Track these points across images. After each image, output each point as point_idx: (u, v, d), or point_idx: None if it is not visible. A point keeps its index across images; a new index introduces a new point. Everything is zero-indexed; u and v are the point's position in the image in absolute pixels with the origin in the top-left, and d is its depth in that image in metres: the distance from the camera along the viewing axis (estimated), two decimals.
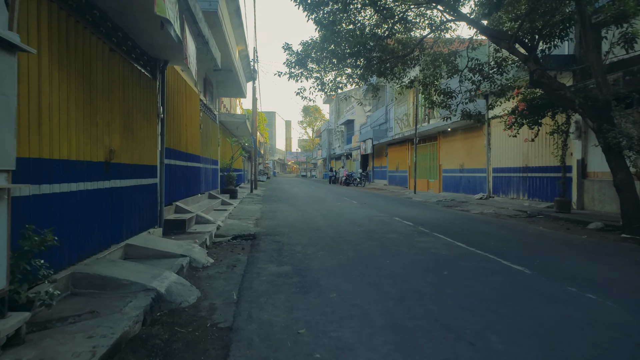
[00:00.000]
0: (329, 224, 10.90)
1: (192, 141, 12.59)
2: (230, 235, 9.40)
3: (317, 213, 13.50)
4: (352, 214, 13.26)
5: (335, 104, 62.33)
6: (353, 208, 15.22)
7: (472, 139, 20.61)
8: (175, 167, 10.38)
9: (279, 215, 13.17)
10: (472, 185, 20.57)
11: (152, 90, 8.35)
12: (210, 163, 16.45)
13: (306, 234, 9.35)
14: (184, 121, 11.51)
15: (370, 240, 8.35)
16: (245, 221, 11.67)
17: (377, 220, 11.60)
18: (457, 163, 22.12)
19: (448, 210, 15.10)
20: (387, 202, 18.32)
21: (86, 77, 5.28)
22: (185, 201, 11.43)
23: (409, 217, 12.21)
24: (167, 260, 6.36)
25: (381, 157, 37.38)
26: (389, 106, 33.93)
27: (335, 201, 18.69)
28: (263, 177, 52.55)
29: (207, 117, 15.90)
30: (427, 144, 25.97)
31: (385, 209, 14.83)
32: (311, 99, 12.86)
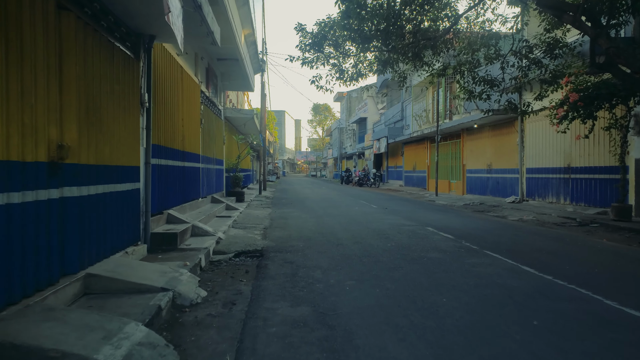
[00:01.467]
0: (352, 236, 9.14)
1: (190, 138, 10.90)
2: (232, 251, 7.69)
3: (335, 221, 11.74)
4: (375, 221, 11.48)
5: (347, 101, 60.53)
6: (374, 214, 13.44)
7: (501, 136, 18.73)
8: (167, 169, 8.69)
9: (291, 223, 11.43)
10: (501, 187, 18.69)
11: (132, 71, 6.65)
12: (213, 163, 14.76)
13: (325, 250, 7.59)
14: (180, 114, 9.81)
15: (409, 262, 6.57)
16: (251, 231, 9.95)
17: (408, 230, 9.82)
18: (483, 163, 20.25)
19: (482, 217, 13.26)
20: (410, 206, 16.51)
21: (10, 40, 3.58)
22: (181, 208, 9.73)
23: (443, 227, 10.41)
24: (141, 297, 4.67)
25: (396, 157, 35.54)
26: (406, 102, 32.08)
27: (352, 205, 16.91)
28: (272, 177, 50.94)
29: (209, 112, 14.22)
30: (449, 142, 24.11)
31: (411, 216, 13.03)
32: (328, 89, 11.05)
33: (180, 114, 9.85)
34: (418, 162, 29.66)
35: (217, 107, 16.03)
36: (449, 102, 23.70)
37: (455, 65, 10.93)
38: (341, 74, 10.86)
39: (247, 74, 16.13)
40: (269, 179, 45.05)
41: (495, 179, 19.17)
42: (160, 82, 8.29)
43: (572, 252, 7.60)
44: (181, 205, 9.84)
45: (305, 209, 15.48)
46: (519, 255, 7.04)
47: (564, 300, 4.71)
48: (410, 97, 31.20)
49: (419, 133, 25.96)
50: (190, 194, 10.91)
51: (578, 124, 11.36)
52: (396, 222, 11.24)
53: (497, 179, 19.06)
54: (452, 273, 5.89)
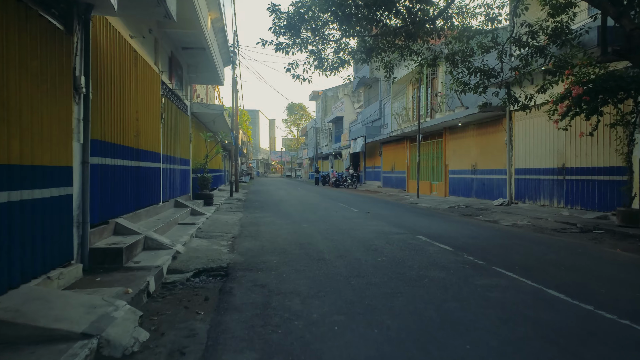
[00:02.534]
0: (334, 247, 7.87)
1: (147, 134, 9.48)
2: (191, 269, 6.35)
3: (314, 227, 10.45)
4: (358, 228, 10.24)
5: (322, 101, 59.34)
6: (357, 219, 12.20)
7: (487, 135, 17.77)
8: (115, 169, 7.27)
9: (264, 230, 10.10)
10: (487, 189, 17.73)
11: (62, 47, 5.25)
12: (177, 163, 13.31)
13: (304, 267, 6.31)
14: (133, 106, 8.39)
15: (408, 285, 5.33)
16: (217, 242, 8.59)
17: (398, 240, 8.60)
18: (467, 163, 19.28)
19: (472, 222, 12.19)
20: (393, 210, 15.35)
21: None
22: (134, 215, 8.30)
23: (436, 235, 9.24)
24: (49, 350, 3.35)
25: (374, 157, 34.48)
26: (384, 101, 31.04)
27: (331, 208, 15.66)
28: (246, 178, 49.38)
29: (173, 106, 12.77)
30: (430, 142, 23.11)
31: (397, 221, 11.85)
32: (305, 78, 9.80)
33: (134, 106, 8.42)
34: (397, 162, 28.63)
35: (183, 102, 14.56)
36: (430, 99, 22.70)
37: (448, 54, 9.77)
38: (320, 62, 9.59)
39: (215, 65, 14.72)
40: (242, 180, 43.49)
41: (481, 180, 18.20)
42: (107, 66, 6.87)
43: (592, 267, 6.50)
44: (134, 212, 8.42)
45: (280, 213, 14.15)
46: (535, 274, 5.89)
47: (630, 346, 3.54)
48: (389, 95, 30.17)
49: (398, 132, 24.91)
50: (147, 198, 9.48)
51: (578, 121, 10.37)
52: (382, 229, 10.03)
53: (482, 180, 18.10)
54: (465, 302, 4.67)
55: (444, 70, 21.24)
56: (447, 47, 9.97)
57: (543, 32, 8.86)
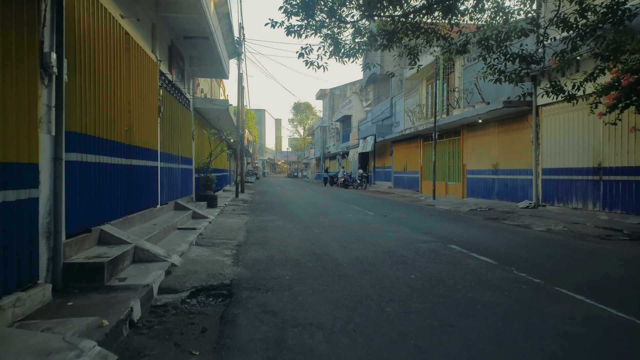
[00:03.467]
0: (355, 258, 6.76)
1: (142, 129, 8.41)
2: (187, 288, 5.27)
3: (328, 234, 9.35)
4: (379, 235, 9.12)
5: (330, 99, 58.23)
6: (374, 224, 11.08)
7: (511, 132, 16.58)
8: (101, 168, 6.19)
9: (272, 237, 9.00)
10: (510, 190, 16.54)
11: (21, 13, 4.18)
12: (178, 162, 12.25)
13: (324, 286, 5.20)
14: (124, 96, 7.32)
15: (459, 314, 4.20)
16: (219, 251, 7.50)
17: (427, 250, 7.47)
18: (488, 162, 18.09)
19: (501, 227, 11.04)
20: (411, 213, 14.22)
21: None
22: (124, 221, 7.23)
23: (470, 244, 8.10)
24: None
25: (384, 156, 33.32)
26: (395, 98, 29.87)
27: (344, 211, 14.54)
28: (252, 178, 48.40)
29: (173, 100, 11.71)
30: (446, 140, 21.92)
31: (420, 226, 10.72)
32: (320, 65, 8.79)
33: (125, 96, 7.36)
34: (409, 162, 27.46)
35: (185, 96, 13.51)
36: (446, 95, 21.51)
37: (481, 39, 8.61)
38: (336, 47, 8.46)
39: (219, 56, 13.64)
40: (247, 180, 42.49)
41: (503, 180, 17.02)
42: (90, 46, 5.80)
43: None
44: (126, 217, 7.34)
45: (289, 216, 13.05)
46: (614, 298, 4.74)
47: None
48: (400, 92, 29.01)
49: (412, 130, 23.74)
50: (142, 200, 8.40)
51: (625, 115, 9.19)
52: (406, 237, 8.89)
53: (505, 180, 16.91)
54: (541, 341, 3.55)
55: (461, 64, 20.11)
56: (479, 31, 8.82)
57: (592, 12, 7.71)
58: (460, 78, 20.22)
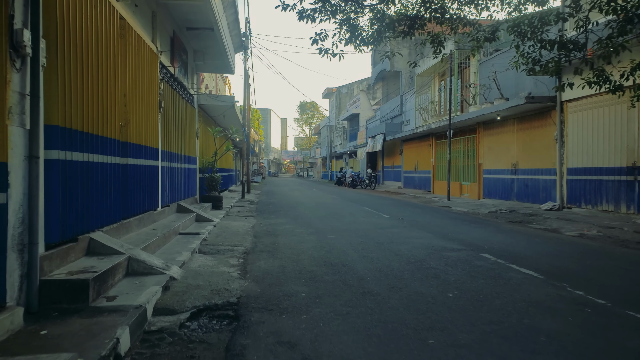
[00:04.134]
0: (379, 270, 5.95)
1: (140, 125, 7.65)
2: (187, 308, 4.50)
3: (344, 239, 8.54)
4: (400, 242, 8.30)
5: (336, 98, 57.41)
6: (392, 228, 10.26)
7: (532, 129, 15.71)
8: (91, 167, 5.42)
9: (283, 243, 8.21)
10: (531, 191, 15.67)
11: None
12: (181, 161, 11.50)
13: (348, 308, 4.39)
14: (120, 88, 6.56)
15: (523, 350, 3.36)
16: (224, 260, 6.71)
17: (459, 260, 6.65)
18: (506, 161, 17.22)
19: (529, 231, 10.21)
20: (428, 216, 13.40)
21: None
22: (119, 227, 6.46)
23: (504, 253, 7.27)
24: None
25: (393, 156, 32.46)
26: (406, 95, 29.00)
27: (356, 213, 13.73)
28: (258, 178, 47.69)
29: (176, 95, 10.95)
30: (460, 139, 21.04)
31: (441, 231, 9.90)
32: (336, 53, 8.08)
33: (120, 88, 6.59)
34: (420, 161, 26.60)
35: (188, 92, 12.75)
36: (461, 91, 20.63)
37: (514, 24, 7.77)
38: (353, 32, 7.65)
39: (225, 49, 12.86)
40: (253, 180, 41.78)
41: (523, 181, 16.14)
42: (77, 28, 5.02)
43: None
44: (121, 222, 6.57)
45: (299, 218, 12.25)
46: None
47: None
48: (410, 89, 28.16)
49: (424, 128, 22.87)
50: (140, 203, 7.64)
51: None
52: (431, 243, 8.07)
53: (525, 181, 16.04)
54: None
55: (477, 59, 19.24)
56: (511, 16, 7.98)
57: None
58: (476, 73, 19.36)
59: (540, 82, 14.67)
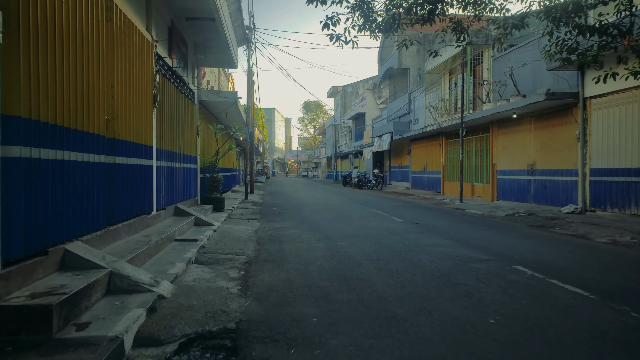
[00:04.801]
0: (401, 287, 5.14)
1: (131, 120, 6.89)
2: (175, 336, 3.75)
3: (356, 247, 7.74)
4: (419, 250, 7.49)
5: (341, 97, 56.58)
6: (407, 234, 9.46)
7: (550, 128, 14.86)
8: (67, 166, 4.65)
9: (289, 250, 7.42)
10: (550, 193, 14.83)
11: None
12: (179, 160, 10.74)
13: (371, 341, 3.60)
14: (106, 77, 5.80)
15: None
16: (223, 272, 5.94)
17: (490, 274, 5.85)
18: (522, 162, 16.38)
19: (555, 237, 9.39)
20: (443, 219, 12.59)
21: None
22: (104, 235, 5.69)
23: (538, 264, 6.46)
24: None
25: (401, 155, 31.63)
26: (414, 93, 28.17)
27: (366, 216, 12.93)
28: (262, 178, 46.98)
29: (173, 90, 10.19)
30: (472, 138, 20.20)
31: (462, 237, 9.09)
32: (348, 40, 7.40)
33: (106, 77, 5.82)
34: (430, 161, 25.76)
35: (188, 87, 11.99)
36: (473, 88, 19.76)
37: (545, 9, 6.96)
38: (368, 18, 6.85)
39: (227, 41, 12.09)
40: (257, 180, 41.05)
41: (541, 182, 15.29)
42: (48, 1, 4.26)
43: None
44: (106, 229, 5.80)
45: (306, 222, 11.46)
46: None
47: None
48: (419, 87, 27.32)
49: (435, 127, 22.02)
50: (130, 206, 6.87)
51: None
52: (454, 253, 7.25)
53: (543, 182, 15.19)
54: None
55: (490, 54, 18.41)
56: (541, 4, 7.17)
57: None
58: (489, 70, 18.52)
59: (561, 79, 13.84)
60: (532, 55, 15.16)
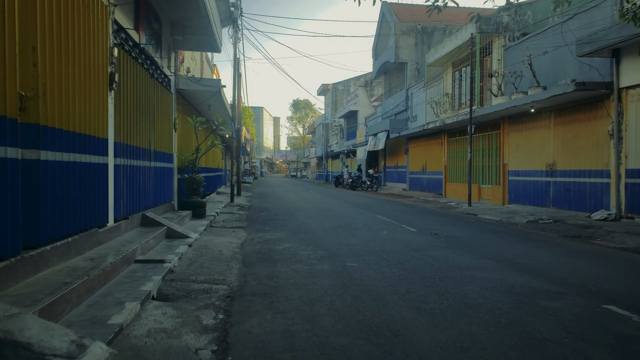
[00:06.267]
0: (458, 346, 3.36)
1: (72, 101, 5.05)
2: None
3: (372, 271, 5.95)
4: (458, 278, 5.71)
5: (332, 95, 54.83)
6: (430, 250, 7.70)
7: (575, 123, 13.23)
8: None
9: (284, 277, 5.60)
10: (574, 197, 13.18)
11: None
12: (150, 158, 8.89)
13: None
14: (22, 34, 3.96)
15: None
16: (193, 316, 4.10)
17: (577, 319, 4.10)
18: (539, 162, 14.74)
19: (606, 252, 7.74)
20: (463, 228, 10.87)
21: None
22: (13, 266, 3.82)
23: (629, 299, 4.73)
24: None
25: (397, 155, 29.94)
26: (412, 89, 26.48)
27: (372, 224, 11.16)
28: (249, 178, 45.06)
29: (142, 72, 8.35)
30: (480, 135, 18.53)
31: (504, 255, 7.35)
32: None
33: (22, 33, 4.00)
34: (430, 161, 24.10)
35: (162, 72, 10.14)
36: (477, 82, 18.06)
37: None
38: None
39: (208, 19, 10.24)
40: (245, 181, 39.15)
41: (563, 184, 13.65)
42: None
43: None
44: (19, 257, 3.95)
45: (302, 232, 9.66)
46: None
47: None
48: (417, 82, 25.64)
49: (437, 123, 20.32)
50: (68, 219, 5.01)
51: None
52: (504, 280, 5.48)
53: (565, 184, 13.55)
54: None
55: (500, 43, 16.78)
56: None
57: None
58: (499, 61, 16.86)
59: (590, 68, 12.21)
60: (552, 42, 13.52)
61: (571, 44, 12.41)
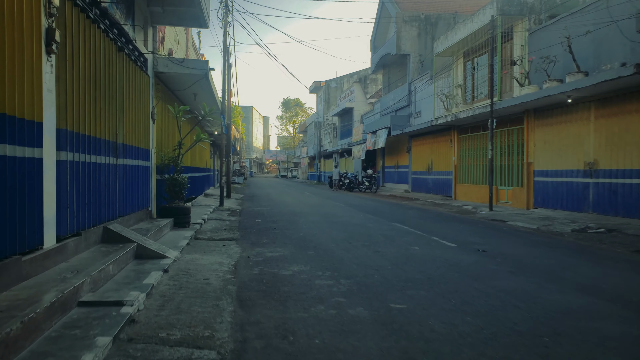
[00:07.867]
0: None
1: None
2: None
3: (436, 321, 3.99)
4: (573, 335, 3.80)
5: (325, 92, 52.81)
6: (496, 279, 5.77)
7: (623, 116, 11.39)
8: None
9: (303, 332, 3.62)
10: (623, 200, 11.34)
11: None
12: (118, 154, 6.86)
13: None
14: None
15: None
16: None
17: None
18: (575, 160, 12.90)
19: None
20: (506, 242, 8.98)
21: None
22: None
23: None
24: None
25: (397, 154, 28.04)
26: (415, 82, 24.58)
27: (395, 236, 9.21)
28: (239, 179, 42.99)
29: (105, 41, 6.32)
30: (497, 131, 16.63)
31: (600, 286, 5.45)
32: None
33: None
34: (436, 160, 22.23)
35: (136, 49, 8.11)
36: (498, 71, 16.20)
37: None
38: None
39: None
40: (234, 181, 37.08)
41: (607, 186, 11.81)
42: None
43: None
44: None
45: (310, 246, 7.68)
46: None
47: None
48: (420, 75, 23.75)
49: (448, 118, 18.41)
50: None
51: None
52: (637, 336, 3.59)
53: (610, 186, 11.70)
54: None
55: (524, 27, 14.95)
56: None
57: None
58: (523, 46, 15.02)
59: None
60: (595, 20, 11.69)
61: (621, 20, 10.59)
